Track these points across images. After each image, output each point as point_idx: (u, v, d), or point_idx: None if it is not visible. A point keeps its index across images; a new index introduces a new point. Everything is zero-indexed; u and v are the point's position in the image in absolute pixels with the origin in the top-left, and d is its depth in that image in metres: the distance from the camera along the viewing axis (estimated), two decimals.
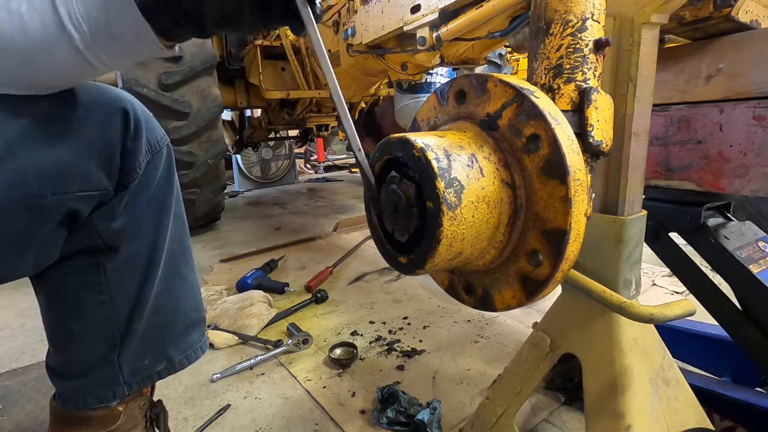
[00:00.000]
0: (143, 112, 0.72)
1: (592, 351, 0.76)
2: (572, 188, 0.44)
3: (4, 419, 1.20)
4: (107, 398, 0.78)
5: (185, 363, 0.85)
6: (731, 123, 0.76)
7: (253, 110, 3.81)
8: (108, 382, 0.78)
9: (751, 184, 0.75)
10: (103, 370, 0.77)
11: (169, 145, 0.79)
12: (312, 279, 2.04)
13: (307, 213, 3.70)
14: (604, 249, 0.73)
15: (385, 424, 1.11)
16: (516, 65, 4.36)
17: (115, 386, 0.79)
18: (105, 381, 0.78)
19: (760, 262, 0.84)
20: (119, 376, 0.78)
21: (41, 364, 1.44)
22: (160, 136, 0.76)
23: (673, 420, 0.74)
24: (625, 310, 0.65)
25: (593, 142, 0.51)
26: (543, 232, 0.47)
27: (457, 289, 0.59)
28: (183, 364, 0.85)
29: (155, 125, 0.76)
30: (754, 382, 1.07)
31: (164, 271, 0.79)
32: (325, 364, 1.41)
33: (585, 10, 0.52)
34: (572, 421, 1.12)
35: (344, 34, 1.88)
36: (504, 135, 0.49)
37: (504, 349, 1.46)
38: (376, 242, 0.57)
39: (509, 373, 0.90)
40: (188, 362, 0.86)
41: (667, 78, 0.84)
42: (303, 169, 6.43)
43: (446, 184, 0.45)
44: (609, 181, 0.73)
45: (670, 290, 1.88)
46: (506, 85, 0.49)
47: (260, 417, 1.18)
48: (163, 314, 0.81)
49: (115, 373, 0.78)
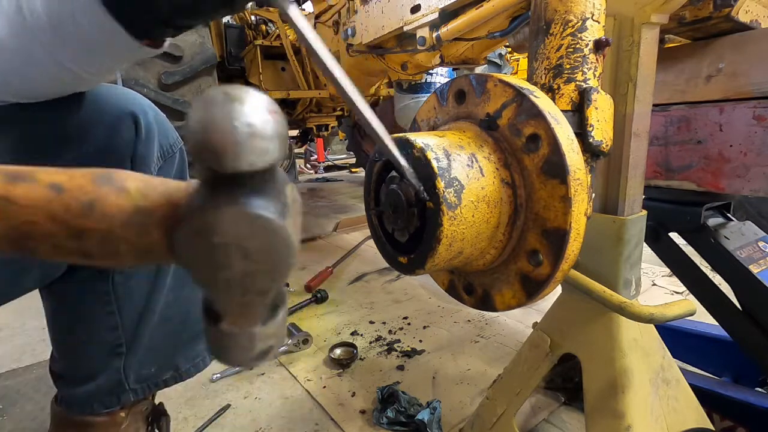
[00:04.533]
0: (156, 116, 0.70)
1: (592, 351, 0.76)
2: (572, 188, 0.44)
3: (4, 419, 1.20)
4: (112, 404, 0.78)
5: (192, 372, 0.84)
6: (731, 123, 0.76)
7: None
8: (113, 389, 0.77)
9: (751, 184, 0.75)
10: (109, 378, 0.76)
11: (182, 149, 0.77)
12: (312, 279, 2.04)
13: (307, 213, 3.70)
14: (604, 249, 0.73)
15: (385, 424, 1.11)
16: (516, 65, 4.36)
17: (121, 393, 0.78)
18: (110, 388, 0.77)
19: (760, 262, 0.84)
20: (125, 383, 0.78)
21: (41, 364, 1.44)
22: (173, 140, 0.74)
23: (673, 420, 0.74)
24: (625, 310, 0.65)
25: (593, 142, 0.51)
26: (543, 231, 0.47)
27: (457, 289, 0.59)
28: (190, 373, 0.84)
29: (168, 128, 0.74)
30: (754, 382, 1.07)
31: (174, 281, 0.78)
32: (325, 364, 1.41)
33: (585, 10, 0.52)
34: (572, 421, 1.12)
35: (344, 34, 1.88)
36: (504, 135, 0.49)
37: (504, 349, 1.46)
38: (376, 242, 0.57)
39: (509, 373, 0.90)
40: (195, 371, 0.85)
41: (667, 78, 0.84)
42: (303, 169, 6.43)
43: (446, 184, 0.45)
44: (609, 181, 0.73)
45: (670, 290, 1.88)
46: (506, 84, 0.49)
47: (260, 417, 1.18)
48: (171, 323, 0.80)
49: (120, 380, 0.77)
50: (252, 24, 3.03)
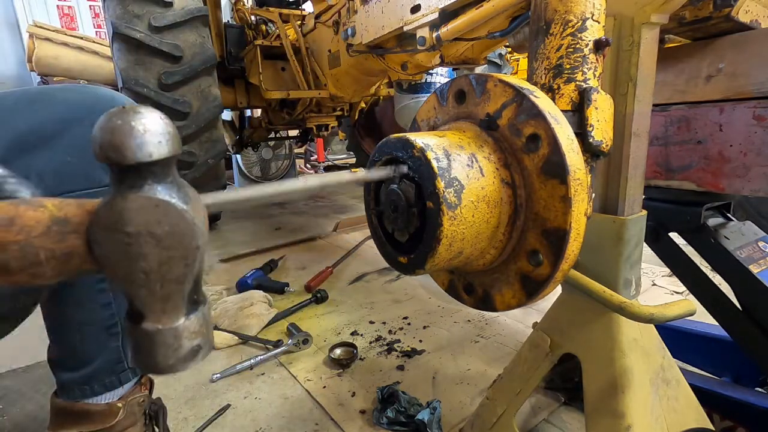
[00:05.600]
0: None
1: (592, 351, 0.76)
2: (572, 188, 0.44)
3: (4, 419, 1.20)
4: (113, 385, 0.79)
5: None
6: (731, 123, 0.76)
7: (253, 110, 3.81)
8: (113, 368, 0.79)
9: (751, 184, 0.75)
10: (108, 357, 0.78)
11: None
12: (312, 279, 2.04)
13: (307, 213, 3.70)
14: (604, 249, 0.73)
15: (385, 424, 1.11)
16: (516, 65, 4.36)
17: (120, 372, 0.79)
18: (110, 367, 0.79)
19: (760, 262, 0.84)
20: (124, 361, 0.79)
21: (41, 364, 1.44)
22: None
23: (673, 420, 0.74)
24: (625, 310, 0.65)
25: (593, 142, 0.51)
26: (543, 231, 0.47)
27: (457, 289, 0.59)
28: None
29: None
30: (754, 382, 1.07)
31: None
32: (325, 364, 1.41)
33: (585, 10, 0.52)
34: (572, 421, 1.12)
35: (344, 34, 1.88)
36: (504, 135, 0.49)
37: (504, 349, 1.46)
38: (376, 242, 0.57)
39: (509, 373, 0.90)
40: None
41: (667, 78, 0.84)
42: (303, 169, 6.42)
43: (446, 184, 0.45)
44: (609, 181, 0.73)
45: (670, 290, 1.88)
46: (506, 84, 0.49)
47: (260, 417, 1.18)
48: None
49: (119, 359, 0.79)
50: (252, 24, 3.03)
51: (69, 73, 4.27)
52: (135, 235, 0.29)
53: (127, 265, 0.29)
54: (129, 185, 0.29)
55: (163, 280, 0.30)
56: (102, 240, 0.29)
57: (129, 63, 2.14)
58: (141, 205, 0.29)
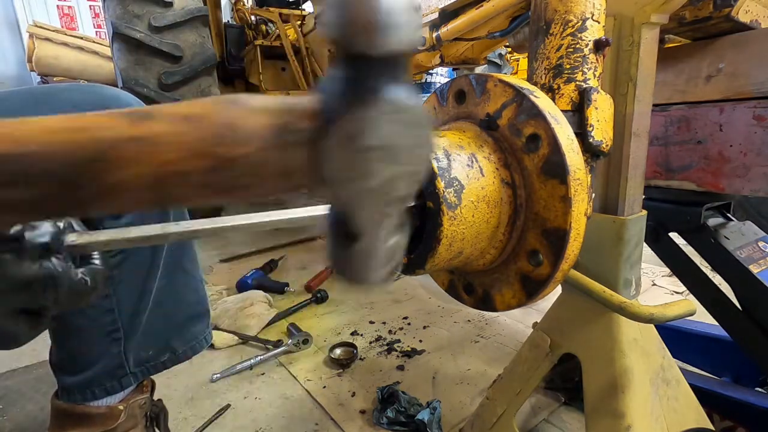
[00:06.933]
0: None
1: (592, 351, 0.76)
2: (572, 188, 0.44)
3: (4, 419, 1.20)
4: (114, 389, 0.79)
5: (189, 353, 0.86)
6: (731, 123, 0.76)
7: None
8: (114, 373, 0.78)
9: (751, 184, 0.75)
10: (109, 362, 0.78)
11: None
12: (312, 279, 2.04)
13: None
14: (604, 249, 0.73)
15: (385, 424, 1.11)
16: (516, 65, 4.36)
17: (122, 377, 0.79)
18: (111, 372, 0.78)
19: (760, 262, 0.84)
20: (126, 366, 0.79)
21: (41, 364, 1.43)
22: None
23: (673, 420, 0.74)
24: (625, 310, 0.65)
25: (593, 141, 0.51)
26: (543, 231, 0.47)
27: (457, 289, 0.59)
28: (187, 354, 0.86)
29: None
30: (754, 382, 1.07)
31: (166, 265, 0.79)
32: (325, 364, 1.41)
33: (585, 10, 0.52)
34: (572, 421, 1.12)
35: None
36: (504, 135, 0.49)
37: (504, 349, 1.46)
38: None
39: (509, 373, 0.90)
40: (192, 353, 0.87)
41: (667, 78, 0.84)
42: None
43: (446, 184, 0.45)
44: (609, 181, 0.73)
45: (670, 290, 1.88)
46: (506, 84, 0.49)
47: (260, 417, 1.18)
48: (165, 307, 0.81)
49: (121, 363, 0.78)
50: (252, 24, 3.03)
51: (69, 73, 4.27)
52: (377, 149, 0.24)
53: (356, 184, 0.24)
54: (371, 86, 0.23)
55: (388, 199, 0.26)
56: (333, 152, 0.24)
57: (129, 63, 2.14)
58: (389, 113, 0.23)
